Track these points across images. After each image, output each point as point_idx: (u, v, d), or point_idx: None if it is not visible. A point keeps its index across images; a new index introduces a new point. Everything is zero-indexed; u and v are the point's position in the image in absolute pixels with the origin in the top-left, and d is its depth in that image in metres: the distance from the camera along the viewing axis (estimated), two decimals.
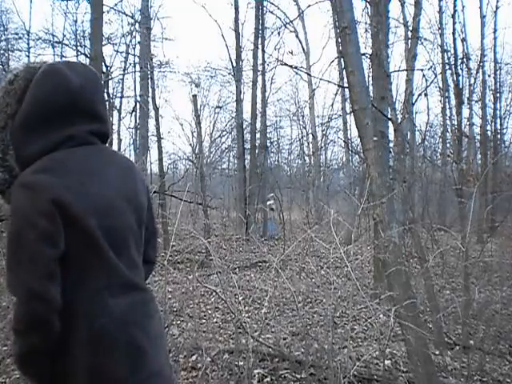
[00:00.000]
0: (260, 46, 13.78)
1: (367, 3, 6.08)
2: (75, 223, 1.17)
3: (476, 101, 13.08)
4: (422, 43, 8.84)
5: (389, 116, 5.29)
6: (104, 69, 11.30)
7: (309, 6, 11.14)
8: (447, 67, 9.28)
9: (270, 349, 3.71)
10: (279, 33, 13.54)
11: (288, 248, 4.15)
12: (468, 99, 10.99)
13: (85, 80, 1.31)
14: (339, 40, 8.92)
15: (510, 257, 6.59)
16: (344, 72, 4.25)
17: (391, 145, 5.70)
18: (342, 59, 3.89)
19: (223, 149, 19.53)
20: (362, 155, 3.94)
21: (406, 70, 6.86)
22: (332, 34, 14.56)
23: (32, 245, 1.12)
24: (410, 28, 7.20)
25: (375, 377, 3.38)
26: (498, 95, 15.49)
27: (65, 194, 1.16)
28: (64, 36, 12.94)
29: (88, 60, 9.74)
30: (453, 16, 9.27)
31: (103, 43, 7.96)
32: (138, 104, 13.17)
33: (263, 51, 13.73)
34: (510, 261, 6.16)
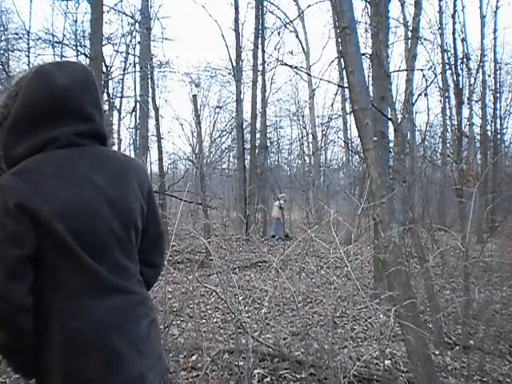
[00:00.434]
0: (260, 46, 13.78)
1: (367, 3, 6.08)
2: (43, 227, 1.17)
3: (476, 101, 13.09)
4: (422, 43, 8.86)
5: (389, 116, 5.30)
6: (104, 69, 11.29)
7: (309, 6, 11.19)
8: (447, 67, 9.28)
9: (270, 349, 3.71)
10: (279, 33, 13.52)
11: (288, 248, 4.15)
12: (468, 99, 10.99)
13: (72, 80, 1.28)
14: (339, 40, 8.91)
15: (510, 257, 6.59)
16: (344, 72, 4.25)
17: (391, 145, 5.70)
18: (342, 59, 3.89)
19: (223, 149, 19.57)
20: (362, 155, 3.94)
21: (406, 70, 6.86)
22: (332, 34, 14.59)
23: None
24: (410, 28, 7.21)
25: (375, 377, 3.38)
26: (498, 95, 15.52)
27: (31, 199, 1.16)
28: (64, 36, 12.94)
29: (88, 60, 9.74)
30: (453, 16, 9.27)
31: (103, 43, 7.96)
32: (138, 104, 13.17)
33: (263, 51, 13.73)
34: (510, 261, 6.16)
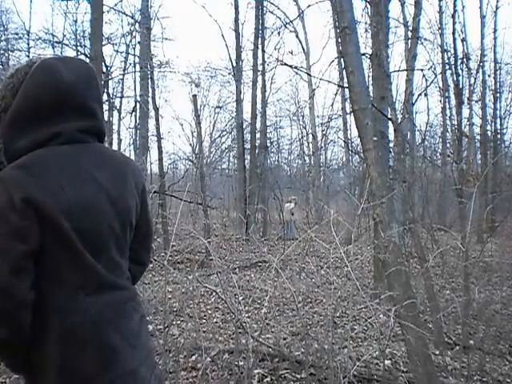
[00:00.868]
0: (260, 46, 13.78)
1: (367, 3, 6.08)
2: (49, 223, 1.16)
3: (476, 101, 13.09)
4: (422, 43, 8.85)
5: (389, 116, 5.29)
6: (104, 69, 11.28)
7: (309, 6, 11.18)
8: (447, 67, 9.28)
9: (270, 349, 3.71)
10: (279, 33, 13.56)
11: (288, 248, 4.15)
12: (468, 99, 10.99)
13: (77, 76, 1.28)
14: (339, 40, 8.92)
15: (510, 257, 6.60)
16: (344, 72, 4.25)
17: (391, 145, 5.69)
18: (342, 59, 3.89)
19: (223, 149, 19.57)
20: (362, 155, 3.94)
21: (406, 70, 6.86)
22: (332, 34, 14.64)
23: (3, 239, 1.12)
24: (410, 28, 7.20)
25: (375, 377, 3.38)
26: (498, 95, 15.54)
27: (38, 194, 1.15)
28: (64, 36, 12.95)
29: (88, 60, 9.73)
30: (453, 16, 9.26)
31: (103, 43, 7.96)
32: (138, 104, 13.16)
33: (263, 51, 13.73)
34: (510, 261, 6.17)
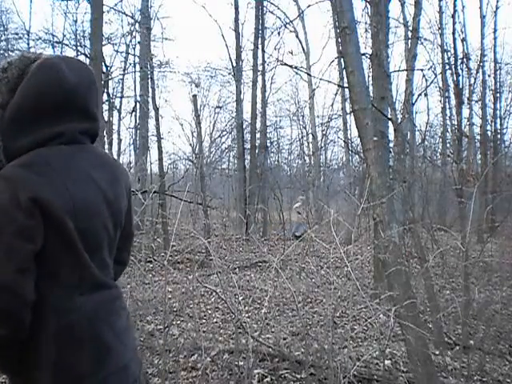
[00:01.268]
0: (260, 46, 13.79)
1: (367, 3, 6.07)
2: (53, 222, 1.17)
3: (476, 101, 13.10)
4: (422, 43, 8.83)
5: (389, 116, 5.29)
6: (104, 69, 11.30)
7: (309, 6, 11.17)
8: (447, 67, 9.28)
9: (270, 349, 3.71)
10: (279, 33, 13.58)
11: (288, 248, 4.15)
12: (468, 99, 10.99)
13: (80, 77, 1.29)
14: (339, 40, 8.92)
15: (510, 257, 6.59)
16: (344, 72, 4.25)
17: (391, 145, 5.69)
18: (342, 59, 3.89)
19: (223, 149, 19.54)
20: (362, 155, 3.94)
21: (406, 70, 6.85)
22: (332, 34, 14.59)
23: (9, 238, 1.12)
24: (410, 28, 7.19)
25: (375, 377, 3.38)
26: (498, 95, 15.55)
27: (45, 193, 1.15)
28: (64, 36, 12.96)
29: (88, 60, 9.74)
30: (453, 16, 9.27)
31: (103, 43, 7.97)
32: (138, 104, 13.19)
33: (263, 51, 13.73)
34: (510, 261, 6.16)
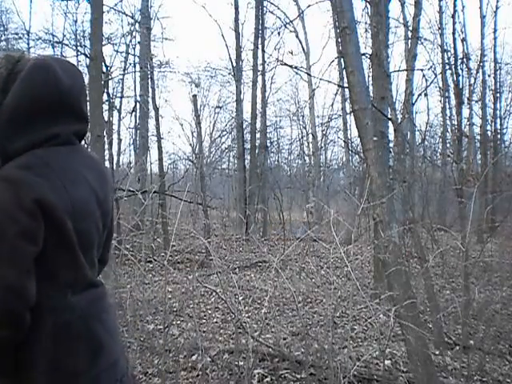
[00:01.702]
0: (260, 46, 13.79)
1: (367, 3, 6.07)
2: (54, 223, 1.18)
3: (476, 101, 13.09)
4: (422, 43, 8.82)
5: (389, 116, 5.30)
6: (104, 69, 11.28)
7: (309, 6, 11.16)
8: (447, 67, 9.26)
9: (270, 349, 3.71)
10: (279, 33, 13.55)
11: (288, 248, 4.15)
12: (468, 99, 10.98)
13: (73, 79, 1.32)
14: (339, 40, 8.91)
15: (510, 257, 6.58)
16: (344, 72, 4.25)
17: (391, 145, 5.70)
18: (342, 59, 3.89)
19: (223, 149, 19.50)
20: (362, 155, 3.94)
21: (406, 70, 6.86)
22: (332, 34, 14.56)
23: (12, 240, 1.12)
24: (410, 28, 7.20)
25: (375, 377, 3.38)
26: (498, 95, 15.55)
27: (47, 195, 1.16)
28: (64, 36, 12.93)
29: (88, 60, 9.75)
30: (453, 16, 9.25)
31: (103, 43, 7.95)
32: (138, 104, 13.18)
33: (263, 51, 13.73)
34: (510, 261, 6.16)
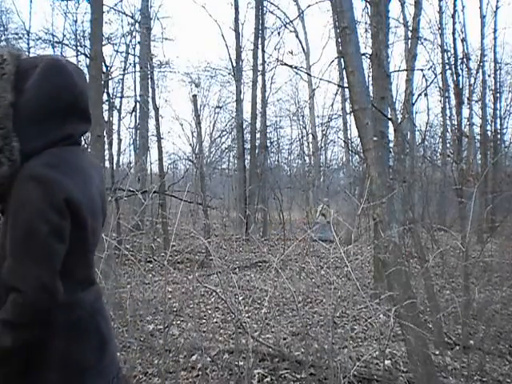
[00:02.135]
0: (260, 46, 13.79)
1: (367, 3, 6.07)
2: (79, 222, 1.21)
3: (476, 101, 13.08)
4: (422, 43, 8.80)
5: (389, 116, 5.29)
6: (104, 69, 11.27)
7: (309, 6, 11.18)
8: (447, 67, 9.25)
9: (270, 349, 3.71)
10: (279, 33, 13.55)
11: (288, 248, 4.15)
12: (468, 99, 10.97)
13: (82, 81, 1.36)
14: (339, 40, 8.91)
15: (510, 257, 6.59)
16: (344, 72, 4.25)
17: (391, 145, 5.70)
18: (342, 59, 3.89)
19: (223, 149, 19.51)
20: (362, 155, 3.94)
21: (406, 70, 6.86)
22: (332, 34, 14.59)
23: (44, 238, 1.14)
24: (410, 28, 7.20)
25: (375, 377, 3.38)
26: (498, 95, 15.55)
27: (74, 193, 1.20)
28: (64, 36, 12.91)
29: (88, 60, 9.74)
30: (453, 16, 9.23)
31: (103, 43, 7.94)
32: (138, 104, 13.18)
33: (263, 51, 13.73)
34: (510, 261, 6.16)
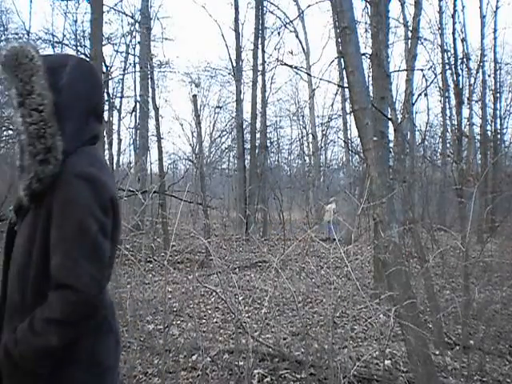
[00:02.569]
0: (260, 46, 13.80)
1: (367, 3, 6.07)
2: (117, 220, 1.26)
3: (476, 101, 13.09)
4: (422, 43, 8.79)
5: (389, 116, 5.29)
6: (104, 69, 11.29)
7: (309, 6, 11.18)
8: (447, 67, 9.25)
9: (270, 349, 3.71)
10: (279, 33, 13.57)
11: (288, 248, 4.15)
12: (468, 99, 10.97)
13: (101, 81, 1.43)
14: (339, 40, 8.91)
15: (510, 257, 6.58)
16: (344, 72, 4.25)
17: (391, 145, 5.69)
18: (342, 59, 3.89)
19: (223, 149, 19.55)
20: (362, 155, 3.94)
21: (406, 70, 6.85)
22: (332, 34, 14.65)
23: (95, 236, 1.16)
24: (410, 28, 7.19)
25: (375, 377, 3.38)
26: (498, 95, 15.56)
27: (116, 194, 1.25)
28: (64, 36, 12.96)
29: (88, 60, 9.72)
30: (453, 16, 9.24)
31: (103, 43, 7.96)
32: (138, 104, 13.19)
33: (263, 51, 13.74)
34: (510, 261, 6.15)
